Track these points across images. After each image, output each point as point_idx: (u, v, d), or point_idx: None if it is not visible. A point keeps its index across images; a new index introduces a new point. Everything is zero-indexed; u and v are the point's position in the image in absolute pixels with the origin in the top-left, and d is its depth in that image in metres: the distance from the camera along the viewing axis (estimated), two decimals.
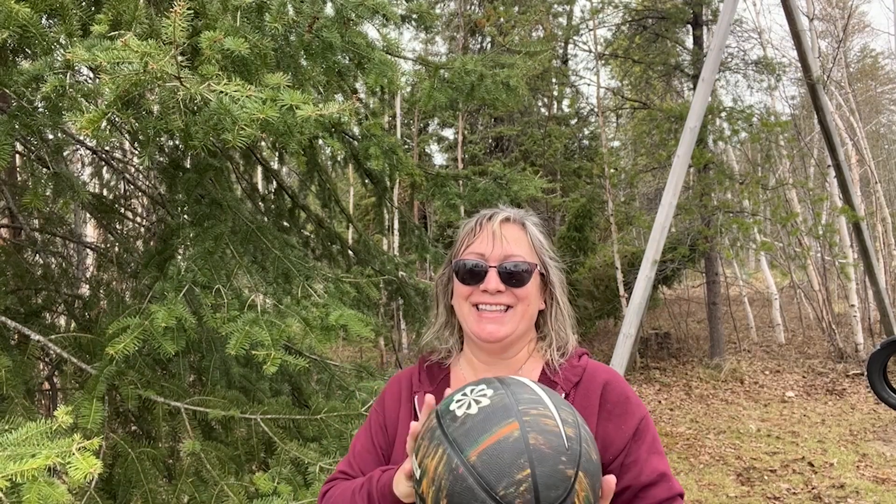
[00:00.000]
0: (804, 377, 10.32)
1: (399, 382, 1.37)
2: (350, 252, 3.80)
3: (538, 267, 1.27)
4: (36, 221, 3.24)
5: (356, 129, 3.29)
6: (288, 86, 1.29)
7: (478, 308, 1.24)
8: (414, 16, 2.68)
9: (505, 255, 1.23)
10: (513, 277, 1.23)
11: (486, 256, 1.24)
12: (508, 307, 1.23)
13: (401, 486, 1.09)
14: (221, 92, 1.22)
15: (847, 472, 6.14)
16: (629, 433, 1.17)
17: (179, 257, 2.49)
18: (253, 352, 1.78)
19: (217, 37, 1.32)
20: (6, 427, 1.28)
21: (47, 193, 2.41)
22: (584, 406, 1.20)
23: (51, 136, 2.52)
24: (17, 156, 2.87)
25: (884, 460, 6.46)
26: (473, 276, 1.24)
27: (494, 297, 1.22)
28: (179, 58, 1.20)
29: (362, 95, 3.84)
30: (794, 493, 5.70)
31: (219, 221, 2.25)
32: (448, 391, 1.10)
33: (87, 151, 3.76)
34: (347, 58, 1.97)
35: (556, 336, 1.31)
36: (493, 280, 1.22)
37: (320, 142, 3.21)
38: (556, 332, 1.31)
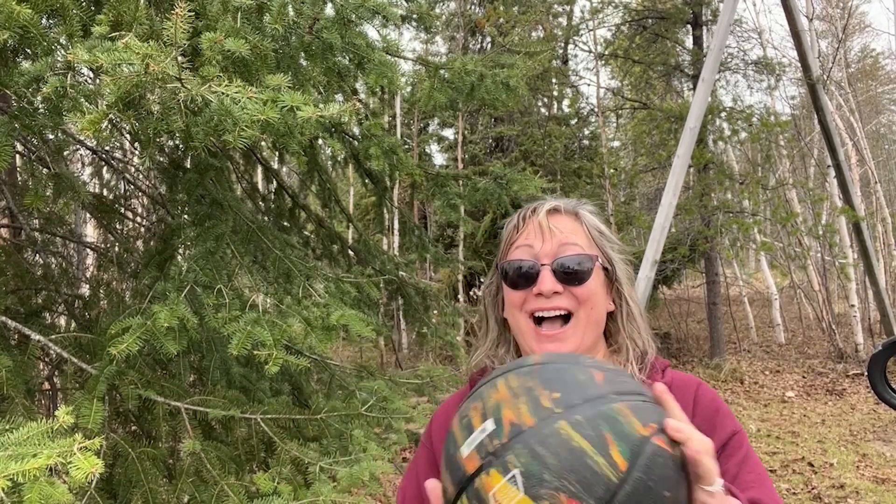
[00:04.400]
0: (804, 377, 10.32)
1: (447, 412, 1.14)
2: (350, 252, 3.80)
3: (600, 259, 1.06)
4: (36, 221, 3.25)
5: (356, 130, 3.30)
6: (288, 87, 1.29)
7: (534, 319, 1.04)
8: (414, 16, 2.69)
9: (559, 247, 1.03)
10: (571, 274, 1.02)
11: (537, 253, 1.04)
12: (569, 314, 1.03)
13: None
14: (222, 93, 1.23)
15: (847, 473, 6.14)
16: (717, 445, 0.93)
17: (180, 257, 2.49)
18: (255, 352, 1.78)
19: (218, 38, 1.33)
20: (7, 427, 1.28)
21: (47, 194, 2.41)
22: None
23: (51, 137, 2.52)
24: (18, 156, 2.88)
25: (884, 460, 6.46)
26: (524, 277, 1.04)
27: (551, 301, 1.02)
28: (180, 59, 1.21)
29: (362, 96, 3.85)
30: (794, 494, 5.70)
31: (220, 221, 2.25)
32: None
33: (87, 151, 3.76)
34: (347, 58, 1.97)
35: (632, 343, 1.09)
36: (547, 279, 1.02)
37: (320, 142, 3.22)
38: (631, 338, 1.09)
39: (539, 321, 1.05)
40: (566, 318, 1.03)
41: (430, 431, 1.15)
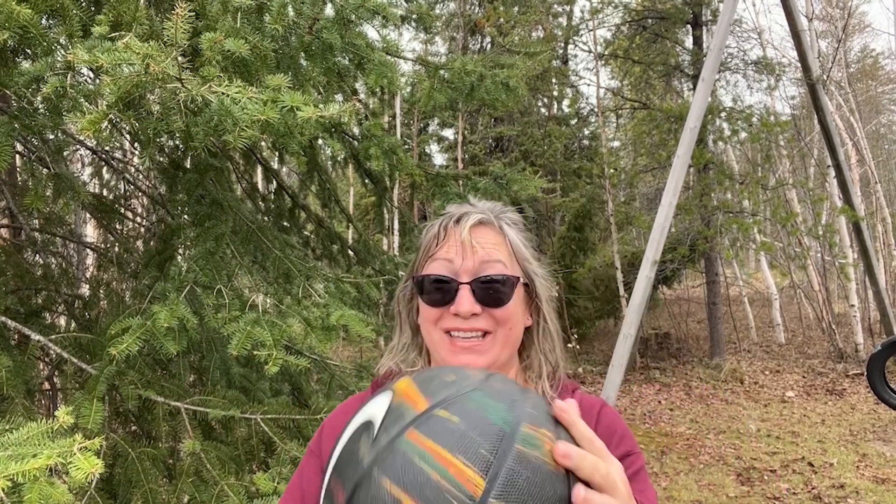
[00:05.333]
0: (804, 377, 10.32)
1: (347, 413, 1.04)
2: (350, 252, 3.80)
3: (521, 278, 1.03)
4: (36, 221, 3.25)
5: (356, 130, 3.30)
6: (288, 87, 1.29)
7: (450, 334, 0.99)
8: (413, 16, 2.69)
9: (480, 265, 0.98)
10: (491, 295, 0.98)
11: (457, 269, 0.99)
12: (486, 333, 0.98)
13: None
14: (222, 93, 1.23)
15: (847, 473, 6.14)
16: None
17: (180, 258, 2.50)
18: (255, 352, 1.78)
19: (218, 38, 1.33)
20: (7, 427, 1.28)
21: (47, 194, 2.41)
22: None
23: (51, 137, 2.53)
24: (18, 156, 2.88)
25: (884, 460, 6.46)
26: (441, 294, 0.99)
27: (468, 323, 0.97)
28: (180, 59, 1.21)
29: (362, 96, 3.85)
30: (794, 494, 5.70)
31: (220, 221, 2.25)
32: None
33: (87, 151, 3.76)
34: (347, 59, 1.97)
35: (544, 359, 1.07)
36: (465, 300, 0.97)
37: (320, 142, 3.22)
38: (545, 355, 1.07)
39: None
40: (483, 335, 0.99)
41: (320, 437, 1.06)
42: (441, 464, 0.62)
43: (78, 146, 3.46)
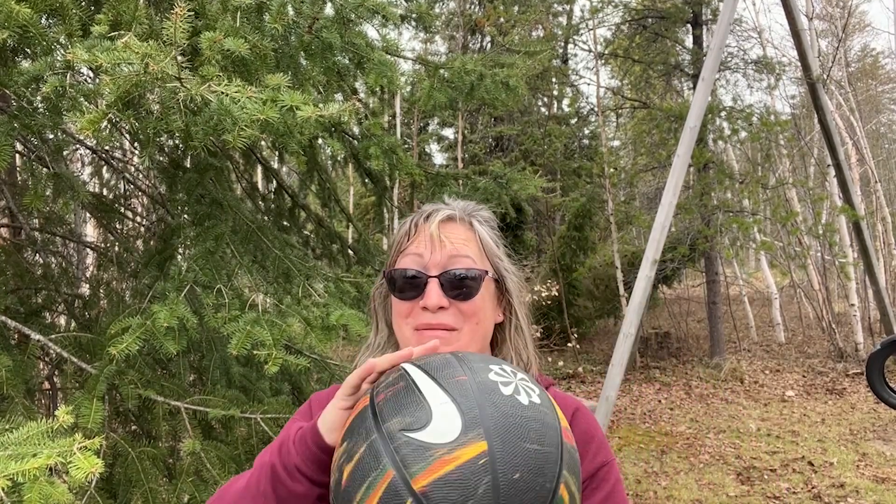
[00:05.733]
0: (804, 376, 10.32)
1: (319, 402, 1.09)
2: (350, 251, 3.80)
3: (490, 272, 1.04)
4: (36, 221, 3.25)
5: (356, 130, 3.30)
6: (288, 86, 1.29)
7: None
8: (413, 15, 2.68)
9: (448, 259, 1.00)
10: (459, 287, 0.99)
11: (426, 263, 1.00)
12: (453, 330, 0.99)
13: (329, 415, 0.86)
14: (222, 93, 1.23)
15: (847, 472, 6.14)
16: (584, 475, 0.94)
17: (180, 257, 2.49)
18: (254, 352, 1.78)
19: (217, 37, 1.32)
20: (7, 427, 1.28)
21: (47, 193, 2.41)
22: None
23: (51, 137, 2.53)
24: (17, 156, 2.88)
25: (884, 460, 6.46)
26: (410, 286, 1.01)
27: (437, 318, 0.98)
28: (180, 58, 1.21)
29: (362, 95, 3.84)
30: (794, 493, 5.70)
31: (219, 221, 2.25)
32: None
33: (87, 151, 3.76)
34: (347, 58, 1.97)
35: (517, 356, 1.08)
36: (433, 293, 0.98)
37: (320, 141, 3.22)
38: (517, 351, 1.08)
39: None
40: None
41: (309, 409, 1.09)
42: None
43: (78, 146, 3.46)
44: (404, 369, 0.80)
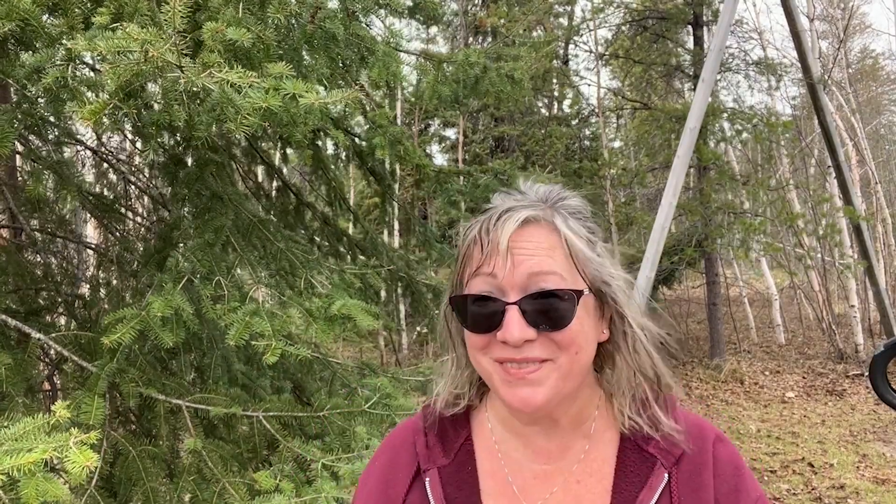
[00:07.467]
0: (804, 378, 10.30)
1: (395, 450, 0.92)
2: (358, 248, 3.79)
3: (586, 289, 0.81)
4: (36, 221, 3.23)
5: (360, 127, 3.29)
6: (291, 75, 1.27)
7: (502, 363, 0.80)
8: (418, 3, 2.65)
9: (528, 279, 0.78)
10: (546, 314, 0.77)
11: (500, 284, 0.79)
12: (546, 360, 0.79)
13: None
14: (223, 80, 1.21)
15: (847, 473, 6.12)
16: None
17: (179, 251, 2.48)
18: (253, 342, 1.75)
19: (219, 27, 1.31)
20: (5, 424, 1.27)
21: (48, 184, 2.40)
22: (696, 499, 0.79)
23: (51, 137, 2.52)
24: (17, 156, 2.87)
25: (884, 461, 6.44)
26: (483, 318, 0.79)
27: (521, 352, 0.77)
28: (181, 46, 1.19)
29: (367, 88, 3.84)
30: (795, 494, 5.68)
31: (219, 214, 2.23)
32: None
33: (88, 152, 3.74)
34: (351, 51, 1.95)
35: (640, 376, 0.85)
36: (514, 325, 0.76)
37: (325, 140, 3.21)
38: (641, 370, 0.85)
39: None
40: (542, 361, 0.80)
41: (367, 484, 0.94)
42: None
43: (78, 146, 3.45)
44: None
